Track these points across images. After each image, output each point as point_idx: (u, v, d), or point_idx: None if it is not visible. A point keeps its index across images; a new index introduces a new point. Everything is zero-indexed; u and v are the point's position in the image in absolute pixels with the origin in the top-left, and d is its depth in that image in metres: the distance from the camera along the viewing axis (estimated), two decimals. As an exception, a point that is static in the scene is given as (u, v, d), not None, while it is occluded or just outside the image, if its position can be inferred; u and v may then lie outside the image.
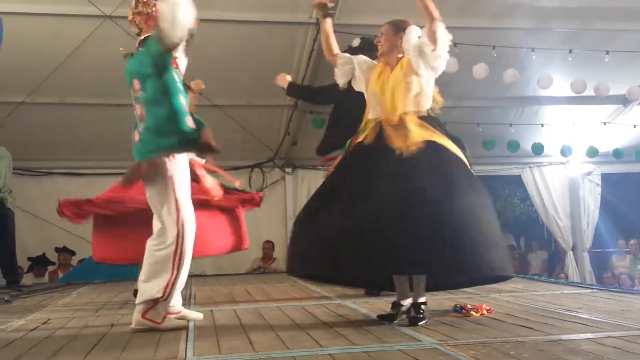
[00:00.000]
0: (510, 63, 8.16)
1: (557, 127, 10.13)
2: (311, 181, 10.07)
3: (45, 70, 7.72)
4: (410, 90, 3.80)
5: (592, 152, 10.44)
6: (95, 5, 6.94)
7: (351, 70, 4.15)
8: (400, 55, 3.95)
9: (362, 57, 4.19)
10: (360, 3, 7.56)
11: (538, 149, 10.25)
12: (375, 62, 4.13)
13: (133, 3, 3.95)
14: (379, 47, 4.06)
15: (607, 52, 8.42)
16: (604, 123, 10.20)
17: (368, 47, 5.18)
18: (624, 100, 9.71)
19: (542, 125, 10.06)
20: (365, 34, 7.30)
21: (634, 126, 10.14)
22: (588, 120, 10.12)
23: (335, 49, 4.26)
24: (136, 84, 3.83)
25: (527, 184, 10.89)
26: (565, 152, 10.45)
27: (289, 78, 5.93)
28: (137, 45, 3.96)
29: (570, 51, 8.38)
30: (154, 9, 3.92)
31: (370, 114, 3.99)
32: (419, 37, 3.89)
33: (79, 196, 5.44)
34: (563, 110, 9.81)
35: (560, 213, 10.87)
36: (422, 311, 3.69)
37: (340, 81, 4.25)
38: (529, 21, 8.03)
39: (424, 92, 3.83)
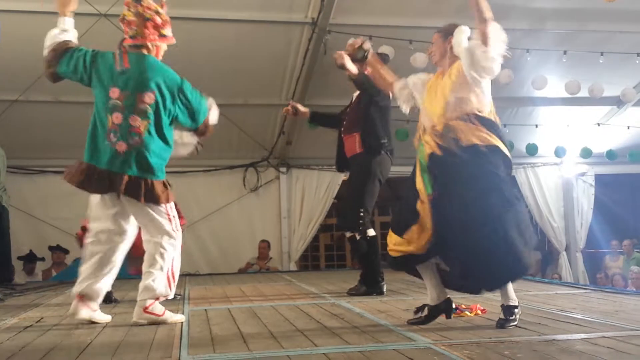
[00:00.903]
0: (505, 63, 8.15)
1: (551, 127, 10.17)
2: (305, 181, 10.09)
3: (39, 68, 7.59)
4: (456, 94, 3.62)
5: (586, 153, 10.49)
6: (90, 4, 6.91)
7: (410, 94, 4.01)
8: (452, 60, 3.76)
9: (415, 77, 4.02)
10: (356, 3, 7.58)
11: (532, 150, 10.28)
12: (429, 75, 3.98)
13: (131, 3, 3.93)
14: (432, 58, 3.93)
15: (602, 54, 8.46)
16: (598, 124, 10.25)
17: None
18: (618, 102, 9.76)
19: (537, 126, 10.10)
20: (361, 34, 7.29)
21: (628, 127, 10.19)
22: (582, 121, 10.16)
23: (390, 78, 4.18)
24: (150, 96, 3.86)
25: (521, 184, 10.91)
26: (559, 152, 10.49)
27: (304, 109, 5.91)
28: (125, 46, 3.96)
29: (564, 52, 8.41)
30: (155, 15, 3.92)
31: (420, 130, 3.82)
32: (469, 37, 3.72)
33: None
34: (557, 111, 9.84)
35: (554, 213, 10.91)
36: (513, 314, 3.57)
37: (405, 108, 4.09)
38: (524, 22, 8.05)
39: (476, 94, 3.63)
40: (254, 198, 9.98)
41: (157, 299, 3.89)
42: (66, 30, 4.09)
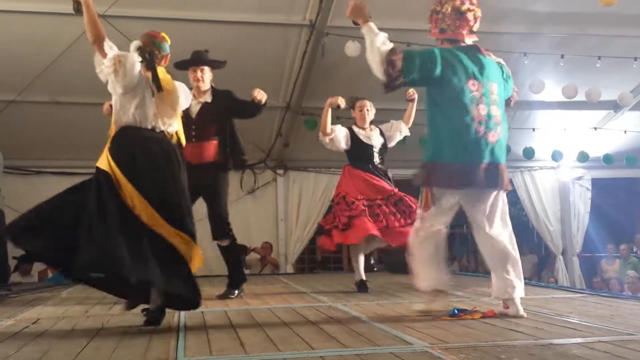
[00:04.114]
0: (503, 67, 8.18)
1: (548, 131, 10.18)
2: (302, 183, 10.09)
3: (36, 68, 7.69)
4: None
5: (583, 157, 10.50)
6: (88, 4, 6.90)
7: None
8: None
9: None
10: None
11: (529, 154, 10.30)
12: None
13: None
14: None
15: (599, 58, 8.47)
16: (595, 128, 10.26)
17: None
18: (615, 106, 9.78)
19: (534, 129, 10.11)
20: (358, 37, 7.28)
21: (625, 132, 10.21)
22: (579, 126, 10.18)
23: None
24: (495, 87, 3.99)
25: (517, 188, 10.93)
26: (556, 156, 10.50)
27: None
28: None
29: (562, 56, 8.43)
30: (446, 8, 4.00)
31: None
32: None
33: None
34: (554, 115, 9.86)
35: (550, 217, 10.92)
36: None
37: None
38: (521, 26, 8.07)
39: None
40: (251, 200, 9.96)
41: None
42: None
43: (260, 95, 5.30)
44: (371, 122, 5.96)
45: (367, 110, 5.89)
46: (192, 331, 3.68)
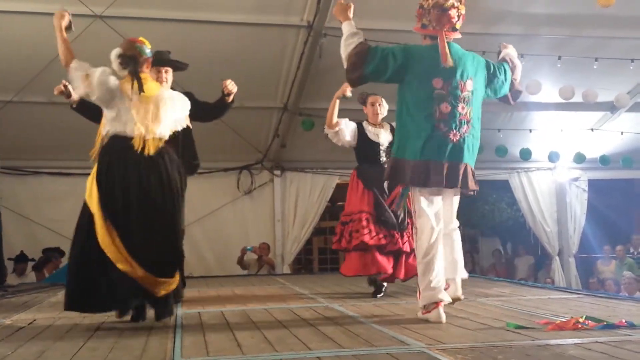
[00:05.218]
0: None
1: (545, 132, 10.20)
2: (299, 183, 10.09)
3: (33, 69, 7.67)
4: None
5: (580, 158, 10.51)
6: (85, 5, 6.90)
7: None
8: None
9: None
10: (355, 5, 7.56)
11: (526, 155, 10.31)
12: None
13: None
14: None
15: (596, 59, 8.49)
16: (592, 129, 10.28)
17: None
18: (611, 107, 9.79)
19: (530, 130, 10.12)
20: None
21: (622, 133, 10.22)
22: (576, 127, 10.19)
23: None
24: (469, 84, 3.95)
25: (514, 189, 10.95)
26: (552, 157, 10.52)
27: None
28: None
29: (559, 58, 8.43)
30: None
31: None
32: None
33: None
34: (551, 116, 9.87)
35: (547, 218, 10.93)
36: None
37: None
38: (518, 27, 8.07)
39: None
40: (248, 201, 9.96)
41: None
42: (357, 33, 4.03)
43: (232, 86, 5.24)
44: (383, 119, 5.74)
45: (379, 105, 5.67)
46: (189, 332, 3.68)
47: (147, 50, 4.11)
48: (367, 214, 5.38)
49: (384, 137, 5.62)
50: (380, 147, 5.61)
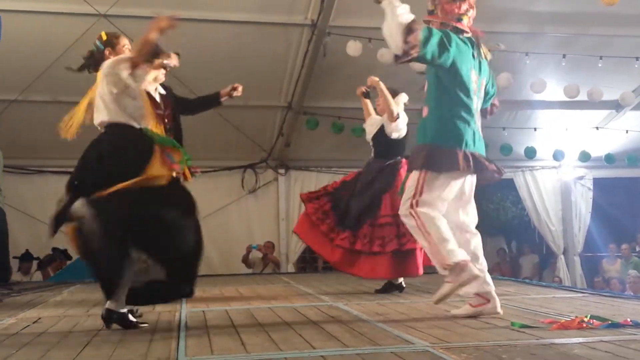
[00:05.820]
0: (504, 67, 8.19)
1: (549, 131, 10.18)
2: (304, 182, 10.09)
3: (38, 68, 7.69)
4: None
5: (585, 157, 10.49)
6: (90, 4, 6.91)
7: None
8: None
9: None
10: (356, 5, 7.57)
11: (530, 153, 10.30)
12: None
13: None
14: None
15: (601, 58, 8.47)
16: (597, 128, 10.26)
17: None
18: (616, 106, 9.77)
19: (535, 129, 10.11)
20: (360, 36, 7.31)
21: (627, 131, 10.20)
22: (581, 125, 10.17)
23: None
24: (484, 82, 4.09)
25: (519, 187, 10.93)
26: (557, 156, 10.50)
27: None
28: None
29: (564, 56, 8.42)
30: None
31: None
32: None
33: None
34: (556, 114, 9.85)
35: (552, 217, 10.91)
36: None
37: None
38: (523, 26, 8.07)
39: None
40: (252, 199, 9.97)
41: None
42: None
43: (238, 93, 5.39)
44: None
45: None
46: (193, 331, 3.68)
47: (99, 44, 4.16)
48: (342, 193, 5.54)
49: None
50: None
